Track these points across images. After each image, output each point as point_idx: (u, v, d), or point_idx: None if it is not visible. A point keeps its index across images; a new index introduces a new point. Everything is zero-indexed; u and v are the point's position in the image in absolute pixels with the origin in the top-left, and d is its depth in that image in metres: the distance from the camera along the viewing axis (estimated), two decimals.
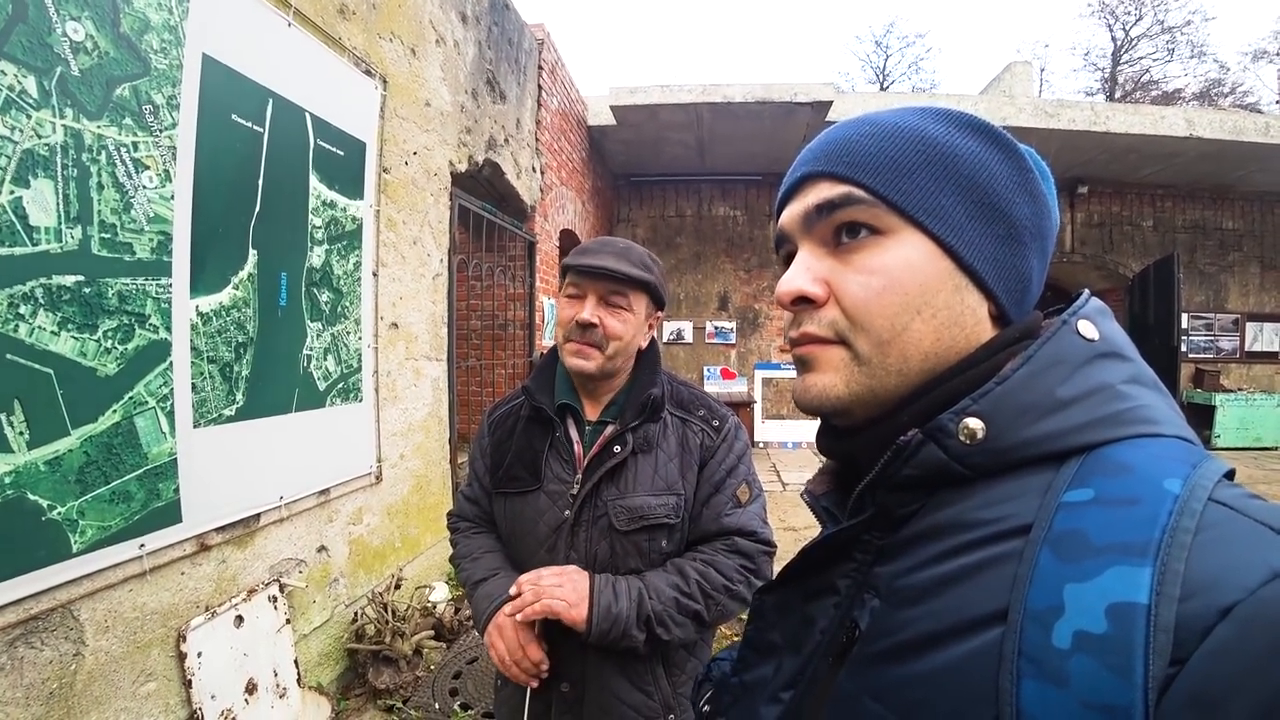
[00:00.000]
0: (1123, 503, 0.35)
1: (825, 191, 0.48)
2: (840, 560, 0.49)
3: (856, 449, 0.49)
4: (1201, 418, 7.71)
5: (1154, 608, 0.30)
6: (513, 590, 1.03)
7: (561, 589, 1.00)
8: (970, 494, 0.42)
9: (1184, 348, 7.72)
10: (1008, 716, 0.33)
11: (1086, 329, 0.43)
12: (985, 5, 40.42)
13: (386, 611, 2.39)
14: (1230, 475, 0.37)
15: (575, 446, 1.14)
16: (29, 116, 1.33)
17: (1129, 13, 18.12)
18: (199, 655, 1.70)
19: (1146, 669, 0.29)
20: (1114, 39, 18.66)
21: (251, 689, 1.86)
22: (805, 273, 0.48)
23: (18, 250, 1.31)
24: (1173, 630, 0.30)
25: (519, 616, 1.00)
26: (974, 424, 0.41)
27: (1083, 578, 0.33)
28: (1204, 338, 8.27)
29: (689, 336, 8.41)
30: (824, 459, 0.58)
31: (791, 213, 0.50)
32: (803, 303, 0.48)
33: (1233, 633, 0.29)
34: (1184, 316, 7.62)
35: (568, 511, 1.09)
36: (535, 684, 1.04)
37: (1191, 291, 8.06)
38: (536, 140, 4.75)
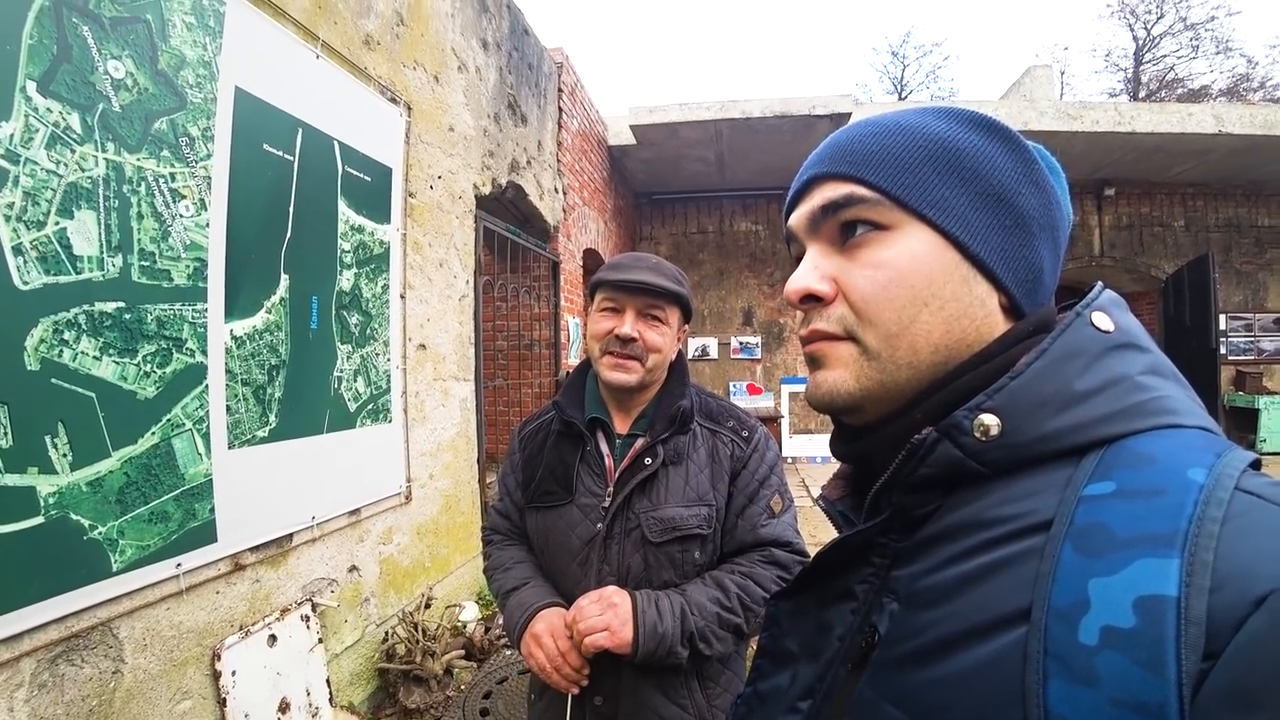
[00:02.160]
0: (1146, 494, 0.34)
1: (829, 192, 0.48)
2: (857, 565, 0.48)
3: (871, 449, 0.49)
4: (1244, 421, 7.43)
5: (1184, 600, 0.29)
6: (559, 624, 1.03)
7: (603, 617, 0.99)
8: (988, 491, 0.41)
9: (1223, 349, 7.47)
10: (1035, 718, 0.32)
11: (1101, 320, 0.43)
12: (1001, 11, 40.24)
13: (417, 631, 2.40)
14: (1256, 466, 0.36)
15: (606, 460, 1.15)
16: (73, 151, 1.39)
17: (1150, 11, 17.85)
18: (233, 674, 1.72)
19: (1179, 664, 0.28)
20: (1135, 38, 18.39)
21: (284, 708, 1.88)
22: (813, 271, 0.48)
23: (63, 279, 1.36)
24: (1205, 623, 0.29)
25: (577, 637, 0.99)
26: (989, 420, 0.40)
27: (1108, 571, 0.32)
28: (1244, 339, 7.98)
29: (714, 352, 8.39)
30: (839, 464, 0.57)
31: (798, 215, 0.51)
32: (811, 300, 0.48)
33: (1267, 623, 0.28)
34: (1221, 318, 7.39)
35: (600, 524, 1.10)
36: (577, 690, 1.03)
37: (1229, 291, 7.81)
38: (558, 161, 4.82)
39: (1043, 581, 0.34)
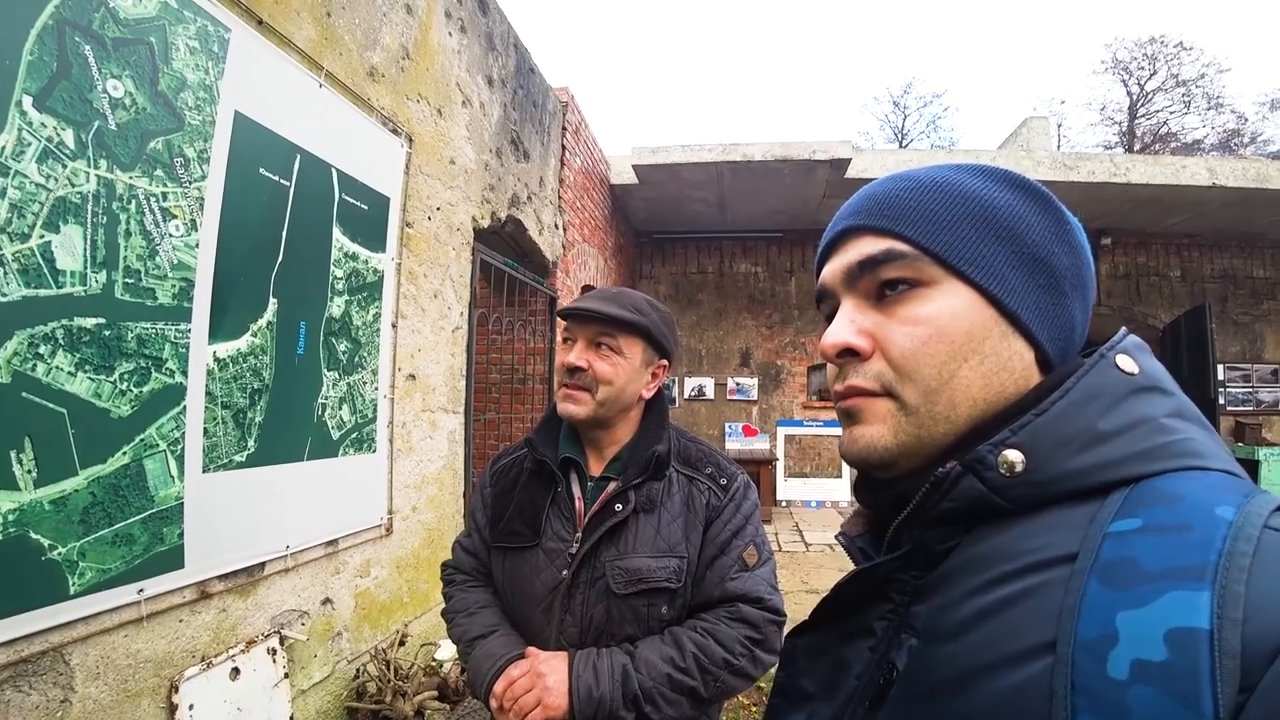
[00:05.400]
0: (1174, 529, 0.34)
1: (866, 247, 0.48)
2: (876, 602, 0.48)
3: (907, 490, 0.48)
4: (1245, 472, 7.36)
5: (1217, 632, 0.29)
6: (493, 704, 0.99)
7: (532, 692, 0.95)
8: (1009, 527, 0.41)
9: (1221, 400, 7.43)
10: None
11: (1125, 363, 0.43)
12: (1001, 64, 41.47)
13: (389, 669, 2.31)
14: None
15: (576, 503, 1.11)
16: (64, 166, 1.39)
17: (1143, 68, 18.45)
18: (190, 708, 1.64)
19: (1215, 697, 0.28)
20: (1130, 93, 18.94)
21: None
22: (850, 325, 0.48)
23: (42, 292, 1.35)
24: (1239, 655, 0.28)
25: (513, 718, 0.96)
26: (1013, 455, 0.40)
27: (1137, 604, 0.32)
28: (1242, 389, 7.95)
29: (710, 393, 8.36)
30: (857, 504, 0.57)
31: (833, 269, 0.51)
32: (848, 355, 0.48)
33: None
34: (1220, 368, 7.37)
35: (565, 571, 1.05)
36: None
37: (1226, 342, 7.81)
38: (559, 198, 4.88)
39: (1068, 615, 0.34)
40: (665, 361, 1.18)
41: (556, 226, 4.82)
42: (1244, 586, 0.30)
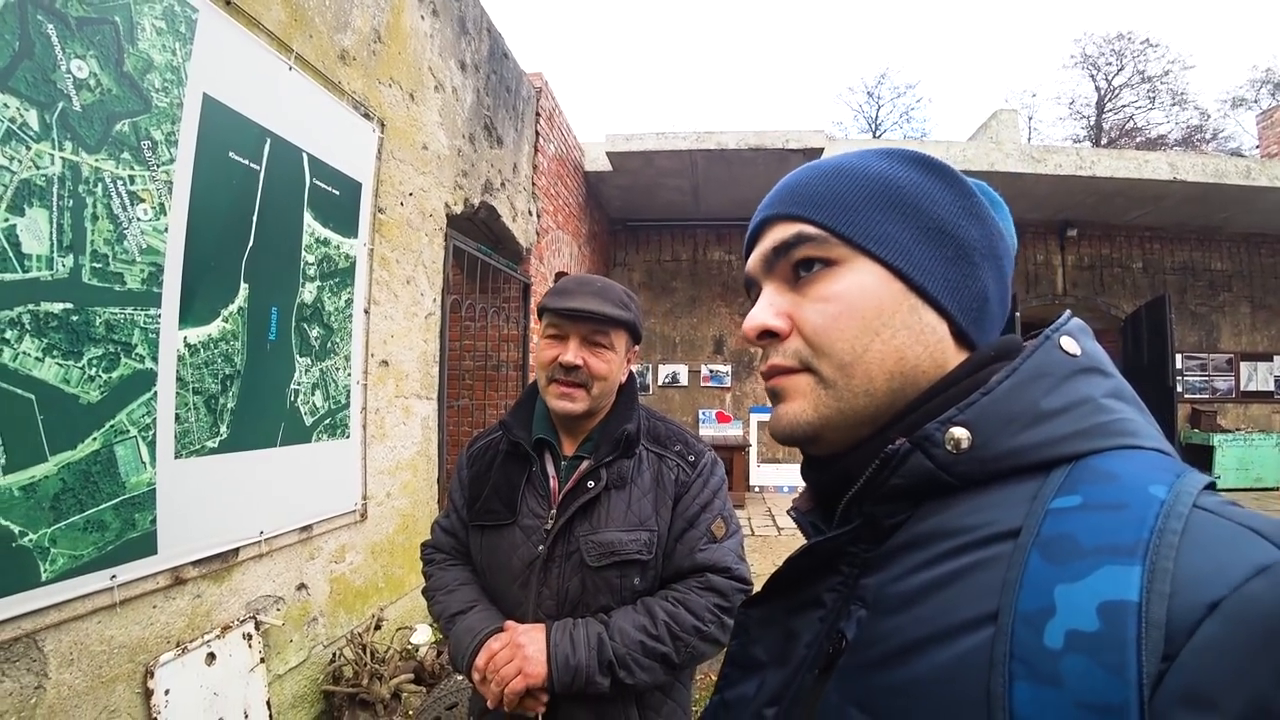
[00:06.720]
0: (1110, 507, 0.36)
1: (779, 234, 0.51)
2: (826, 574, 0.49)
3: (848, 466, 0.49)
4: (1201, 458, 7.62)
5: (1145, 604, 0.31)
6: (475, 677, 1.03)
7: (512, 663, 0.99)
8: (956, 503, 0.42)
9: (1179, 388, 7.70)
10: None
11: (1069, 344, 0.45)
12: (975, 56, 41.92)
13: (365, 653, 2.33)
14: (1211, 487, 0.38)
15: (551, 481, 1.15)
16: (28, 148, 1.37)
17: (1110, 64, 18.85)
18: (166, 693, 1.65)
19: (1140, 665, 0.29)
20: (1097, 88, 19.34)
21: None
22: (768, 308, 0.50)
23: (8, 276, 1.33)
24: (1164, 626, 0.30)
25: (495, 689, 1.00)
26: (959, 433, 0.42)
27: (1073, 578, 0.34)
28: (1199, 378, 8.27)
29: (684, 380, 8.41)
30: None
31: (753, 258, 0.54)
32: (768, 336, 0.50)
33: (1220, 628, 0.29)
34: (1178, 357, 7.64)
35: (541, 547, 1.09)
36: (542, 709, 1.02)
37: (1184, 332, 8.10)
38: (533, 184, 4.85)
39: (1009, 588, 0.35)
40: (636, 347, 1.23)
41: (530, 213, 4.80)
42: (1172, 563, 0.31)
